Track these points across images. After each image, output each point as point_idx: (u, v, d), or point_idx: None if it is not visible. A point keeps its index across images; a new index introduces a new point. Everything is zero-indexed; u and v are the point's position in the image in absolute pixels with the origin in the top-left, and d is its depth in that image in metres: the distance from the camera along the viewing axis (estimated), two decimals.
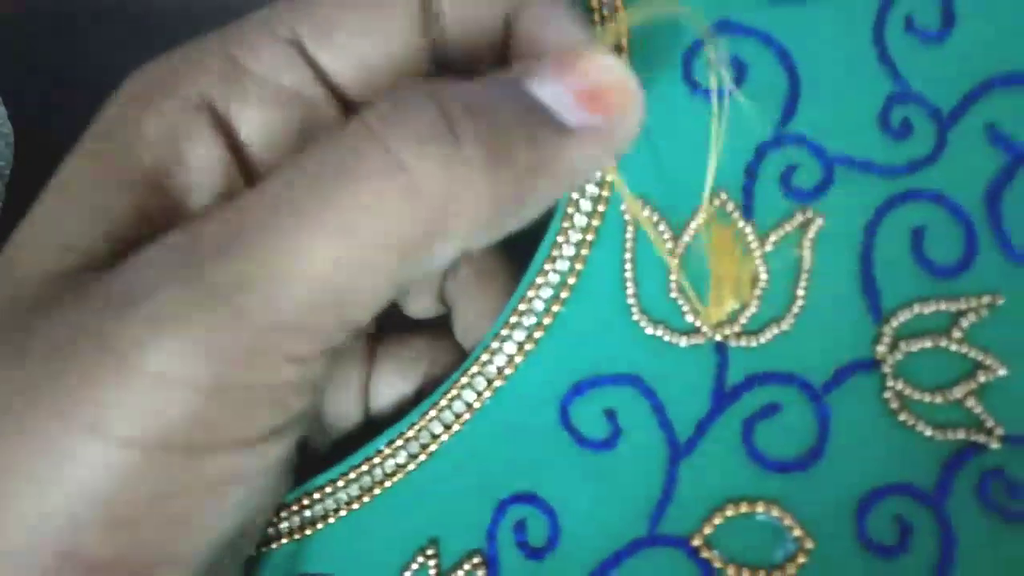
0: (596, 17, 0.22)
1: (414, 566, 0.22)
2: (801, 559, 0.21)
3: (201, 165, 0.19)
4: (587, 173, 0.18)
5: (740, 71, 0.22)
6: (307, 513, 0.22)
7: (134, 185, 0.18)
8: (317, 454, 0.24)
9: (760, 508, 0.21)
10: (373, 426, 0.23)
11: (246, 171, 0.20)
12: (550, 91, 0.17)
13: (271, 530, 0.23)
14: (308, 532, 0.22)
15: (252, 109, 0.20)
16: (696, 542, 0.21)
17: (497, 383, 0.22)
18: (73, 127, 0.36)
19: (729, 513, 0.21)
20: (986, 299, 0.21)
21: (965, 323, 0.21)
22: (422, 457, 0.22)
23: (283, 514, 0.23)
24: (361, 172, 0.15)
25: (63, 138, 0.35)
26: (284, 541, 0.22)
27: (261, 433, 0.17)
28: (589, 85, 0.17)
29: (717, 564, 0.21)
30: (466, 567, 0.22)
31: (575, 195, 0.22)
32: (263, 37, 0.20)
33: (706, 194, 0.21)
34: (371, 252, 0.15)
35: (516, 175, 0.16)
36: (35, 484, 0.15)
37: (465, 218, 0.16)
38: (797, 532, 0.21)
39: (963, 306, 0.21)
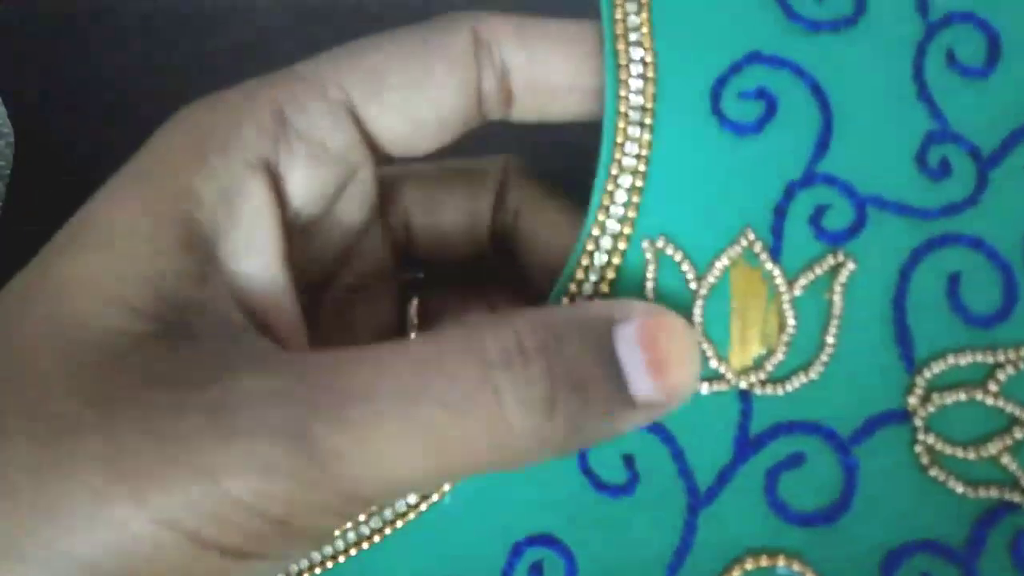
0: (621, 45, 0.21)
1: None
2: None
3: (254, 226, 0.20)
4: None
5: (770, 105, 0.21)
6: (315, 554, 0.22)
7: (194, 248, 0.19)
8: None
9: (781, 562, 0.20)
10: None
11: (289, 225, 0.21)
12: (628, 351, 0.18)
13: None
14: (317, 572, 0.22)
15: (298, 168, 0.20)
16: None
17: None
18: (73, 127, 0.36)
19: (749, 566, 0.20)
20: None
21: (1002, 376, 0.20)
22: (435, 497, 0.22)
23: None
24: (473, 417, 0.17)
25: (63, 138, 0.35)
26: None
27: (294, 555, 0.19)
28: (663, 355, 0.18)
29: None
30: None
31: (595, 232, 0.21)
32: (313, 95, 0.20)
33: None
34: (451, 473, 0.18)
35: (581, 438, 0.18)
36: (88, 545, 0.16)
37: (531, 462, 0.18)
38: None
39: (1000, 358, 0.20)
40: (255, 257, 0.20)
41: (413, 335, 0.25)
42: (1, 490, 0.16)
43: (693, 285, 0.21)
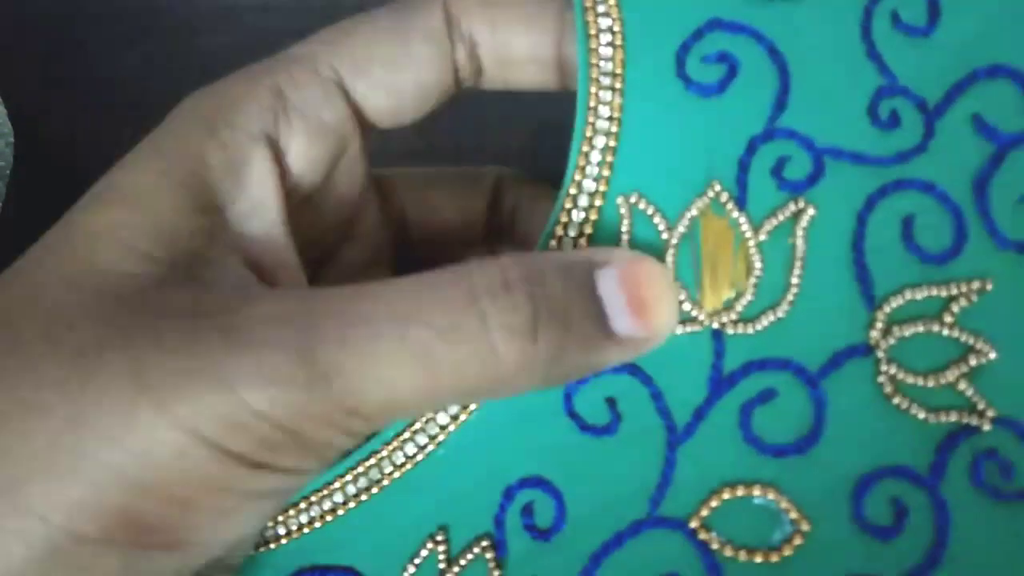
0: (591, 16, 0.23)
1: (423, 553, 0.23)
2: (798, 541, 0.21)
3: (259, 192, 0.22)
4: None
5: (731, 67, 0.22)
6: (314, 510, 0.23)
7: (205, 209, 0.21)
8: None
9: (757, 491, 0.21)
10: None
11: (290, 194, 0.22)
12: (609, 292, 0.20)
13: (279, 528, 0.23)
14: (317, 525, 0.23)
15: (297, 141, 0.22)
16: (693, 524, 0.22)
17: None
18: (73, 127, 0.36)
19: (726, 496, 0.22)
20: (976, 284, 0.21)
21: (956, 308, 0.21)
22: (430, 447, 0.23)
23: (290, 512, 0.23)
24: (461, 339, 0.18)
25: (63, 138, 0.36)
26: (294, 536, 0.23)
27: (306, 469, 0.19)
28: (643, 295, 0.20)
29: (715, 545, 0.21)
30: (475, 550, 0.22)
31: (573, 191, 0.22)
32: (307, 74, 0.22)
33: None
34: (442, 394, 0.19)
35: (564, 367, 0.20)
36: (115, 453, 0.17)
37: (517, 389, 0.20)
38: (794, 515, 0.21)
39: (954, 291, 0.21)
40: (260, 220, 0.22)
41: None
42: (33, 407, 0.17)
43: (665, 235, 0.22)
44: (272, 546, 0.23)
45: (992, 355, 0.21)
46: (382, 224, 0.27)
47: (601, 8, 0.23)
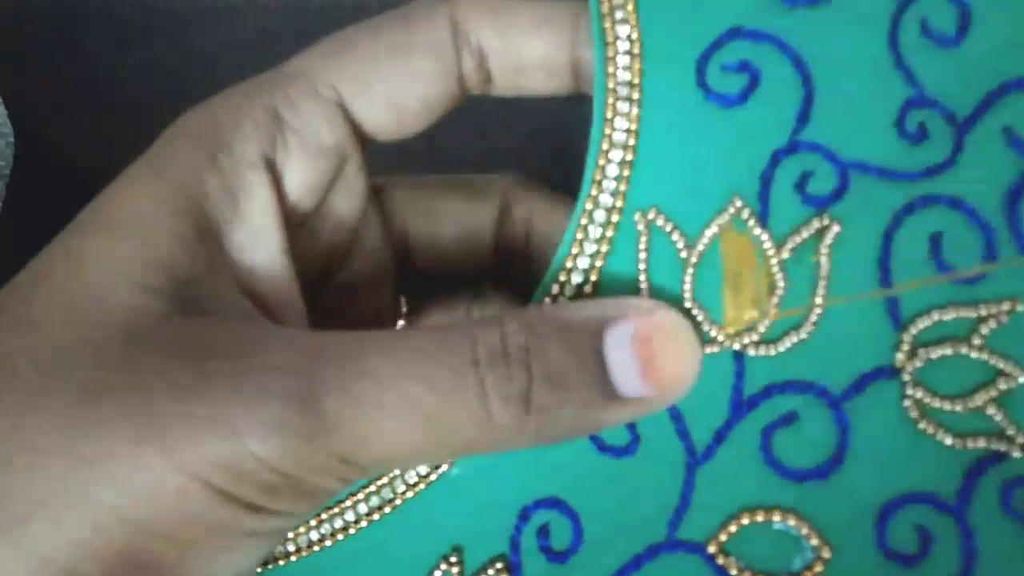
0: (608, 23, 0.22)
1: (437, 574, 0.22)
2: (819, 568, 0.21)
3: (258, 220, 0.21)
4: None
5: (753, 77, 0.22)
6: (325, 527, 0.23)
7: (203, 237, 0.20)
8: None
9: (777, 517, 0.21)
10: None
11: (288, 218, 0.22)
12: (619, 352, 0.19)
13: (288, 545, 0.23)
14: (328, 544, 0.23)
15: (294, 164, 0.22)
16: (712, 548, 0.21)
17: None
18: (73, 127, 0.36)
19: (745, 521, 0.21)
20: (1006, 305, 0.20)
21: (985, 330, 0.20)
22: (444, 467, 0.23)
23: (300, 529, 0.23)
24: (459, 404, 0.18)
25: (63, 138, 0.36)
26: (304, 554, 0.23)
27: (300, 511, 0.20)
28: (656, 355, 0.20)
29: (733, 571, 0.21)
30: (489, 572, 0.22)
31: (589, 206, 0.22)
32: (305, 94, 0.22)
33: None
34: (437, 451, 0.20)
35: (559, 429, 0.20)
36: (119, 495, 0.17)
37: (511, 448, 0.20)
38: (815, 541, 0.21)
39: (983, 312, 0.20)
40: (260, 250, 0.21)
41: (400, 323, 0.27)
42: (37, 450, 0.17)
43: (684, 254, 0.22)
44: (281, 563, 0.23)
45: (1022, 379, 0.20)
46: (384, 241, 0.26)
47: (619, 15, 0.22)
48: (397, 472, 0.23)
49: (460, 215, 0.26)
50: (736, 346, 0.21)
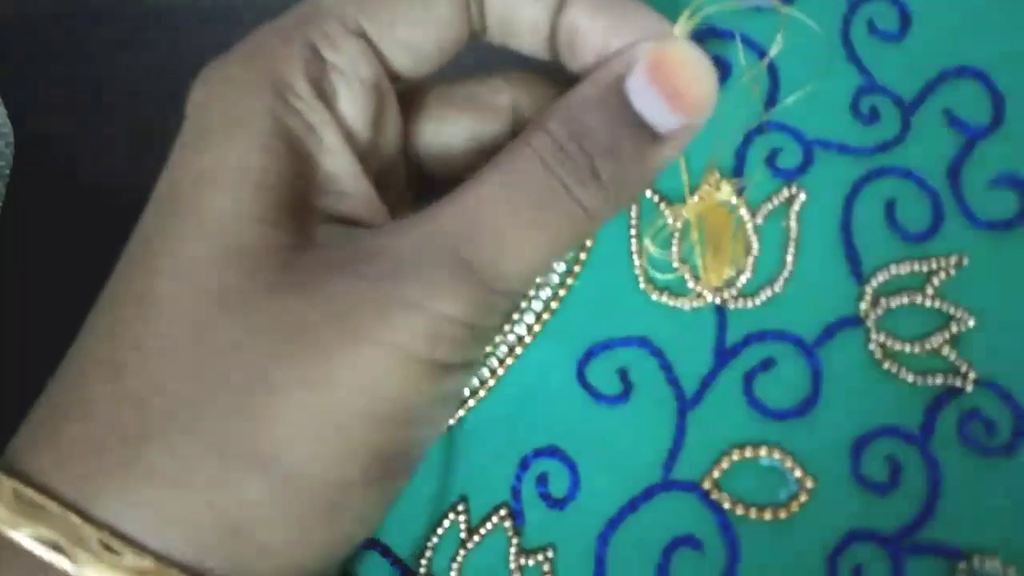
0: None
1: (445, 523, 0.24)
2: (803, 498, 0.23)
3: (339, 150, 0.22)
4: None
5: (725, 69, 0.24)
6: None
7: (294, 174, 0.21)
8: None
9: (763, 452, 0.23)
10: None
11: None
12: (648, 101, 0.21)
13: None
14: None
15: (342, 100, 0.22)
16: (706, 485, 0.23)
17: (518, 350, 0.24)
18: (73, 127, 0.35)
19: (735, 457, 0.23)
20: (954, 259, 0.23)
21: (936, 281, 0.23)
22: (451, 422, 0.24)
23: None
24: (555, 205, 0.20)
25: (63, 138, 0.35)
26: None
27: (478, 359, 0.22)
28: (675, 84, 0.21)
29: (726, 505, 0.23)
30: (494, 520, 0.23)
31: None
32: (338, 30, 0.22)
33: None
34: (557, 248, 0.21)
35: (631, 189, 0.22)
36: (346, 393, 0.19)
37: (602, 224, 0.22)
38: (798, 473, 0.23)
39: (934, 266, 0.23)
40: (346, 178, 0.22)
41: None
42: (260, 378, 0.19)
43: (670, 220, 0.24)
44: None
45: (971, 323, 0.23)
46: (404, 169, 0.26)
47: None
48: None
49: (472, 126, 0.25)
50: (718, 300, 0.24)
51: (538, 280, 0.24)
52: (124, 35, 0.34)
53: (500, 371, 0.24)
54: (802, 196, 0.24)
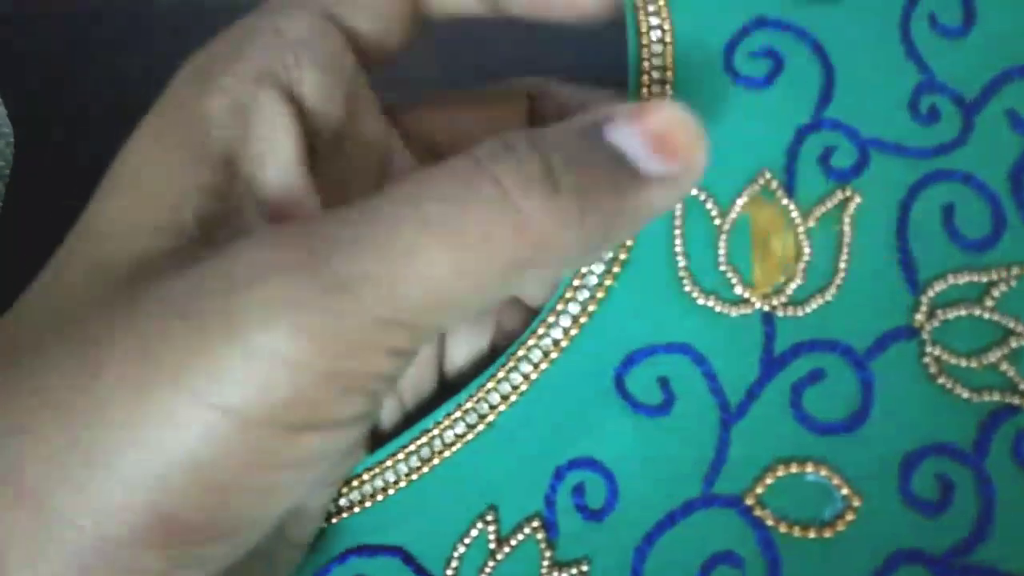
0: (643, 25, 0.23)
1: (473, 532, 0.23)
2: (849, 516, 0.22)
3: (269, 132, 0.20)
4: (662, 212, 0.20)
5: (777, 62, 0.23)
6: (367, 487, 0.23)
7: (211, 164, 0.19)
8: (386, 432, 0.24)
9: (809, 468, 0.22)
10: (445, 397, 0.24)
11: (311, 134, 0.21)
12: (626, 140, 0.18)
13: (330, 506, 0.23)
14: (368, 505, 0.23)
15: (307, 75, 0.21)
16: (749, 501, 0.22)
17: (553, 355, 0.23)
18: (73, 127, 0.35)
19: (780, 473, 0.22)
20: (1015, 270, 0.22)
21: (996, 292, 0.22)
22: (480, 427, 0.23)
23: (343, 490, 0.23)
24: (479, 202, 0.17)
25: (63, 138, 0.35)
26: (343, 516, 0.23)
27: (352, 416, 0.17)
28: (658, 131, 0.19)
29: (769, 522, 0.22)
30: (525, 531, 0.23)
31: None
32: (299, 10, 0.21)
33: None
34: (482, 268, 0.17)
35: (603, 219, 0.18)
36: (137, 446, 0.16)
37: (558, 254, 0.18)
38: (845, 491, 0.22)
39: (993, 277, 0.22)
40: (274, 163, 0.20)
41: None
42: (51, 405, 0.16)
43: (717, 221, 0.23)
44: (333, 521, 0.23)
45: None
46: (415, 162, 0.25)
47: (651, 8, 0.23)
48: (434, 432, 0.23)
49: (488, 124, 0.24)
50: (766, 307, 0.23)
51: (575, 283, 0.23)
52: (124, 35, 0.33)
53: (534, 376, 0.23)
54: (857, 199, 0.23)
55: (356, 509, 0.23)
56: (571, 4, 0.23)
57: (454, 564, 0.23)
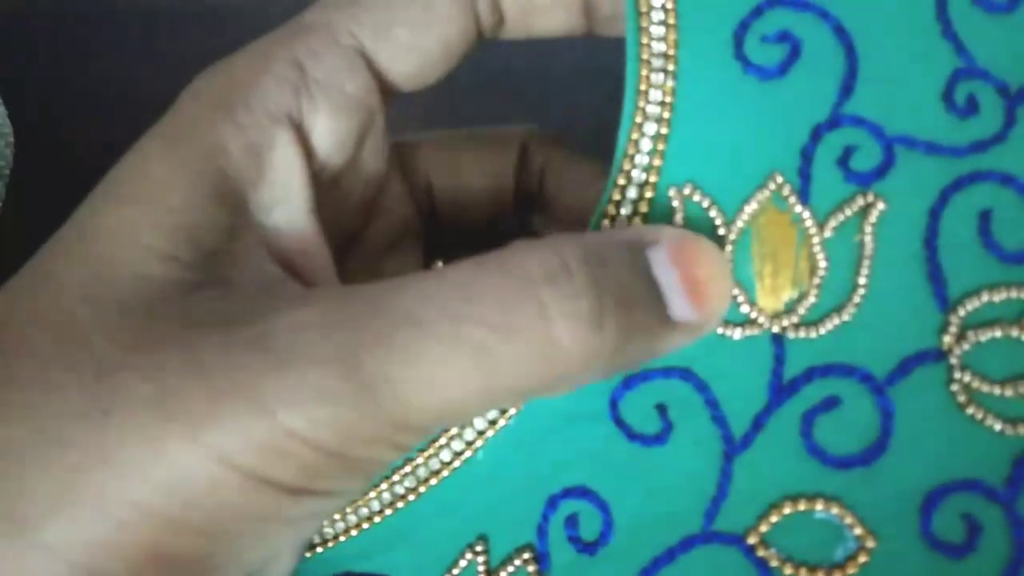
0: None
1: (462, 563, 0.22)
2: (862, 558, 0.20)
3: (283, 178, 0.20)
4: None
5: (794, 48, 0.21)
6: (350, 518, 0.22)
7: (225, 200, 0.19)
8: None
9: (819, 506, 0.20)
10: None
11: (316, 177, 0.21)
12: (666, 277, 0.19)
13: (312, 537, 0.22)
14: (353, 534, 0.22)
15: (322, 119, 0.21)
16: (752, 540, 0.20)
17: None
18: (73, 127, 0.35)
19: (787, 511, 0.20)
20: None
21: None
22: (467, 453, 0.22)
23: (328, 520, 0.22)
24: (520, 333, 0.17)
25: (63, 138, 0.35)
26: (329, 545, 0.22)
27: (348, 490, 0.18)
28: (696, 279, 0.19)
29: (774, 563, 0.20)
30: (516, 562, 0.21)
31: (621, 181, 0.21)
32: (326, 44, 0.20)
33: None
34: (498, 394, 0.17)
35: (627, 357, 0.18)
36: (142, 487, 0.16)
37: (576, 383, 0.18)
38: (858, 530, 0.20)
39: None
40: (285, 208, 0.20)
41: None
42: (54, 439, 0.16)
43: (722, 231, 0.21)
44: (307, 555, 0.22)
45: None
46: (407, 196, 0.25)
47: None
48: (419, 460, 0.22)
49: (480, 167, 0.25)
50: (775, 328, 0.21)
51: None
52: (124, 35, 0.33)
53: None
54: (880, 205, 0.20)
55: (342, 538, 0.22)
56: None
57: None
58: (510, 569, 0.21)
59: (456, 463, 0.22)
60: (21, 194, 0.30)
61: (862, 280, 0.20)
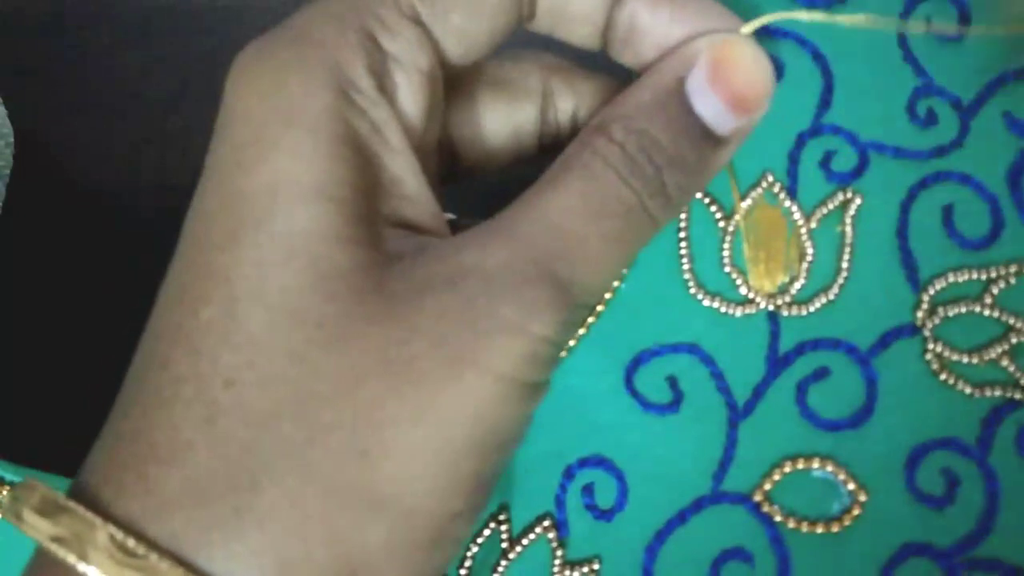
0: None
1: (486, 532, 0.23)
2: (856, 511, 0.22)
3: (402, 151, 0.20)
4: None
5: (778, 69, 0.24)
6: None
7: (369, 180, 0.20)
8: None
9: (816, 464, 0.22)
10: None
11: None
12: (710, 107, 0.20)
13: None
14: None
15: (401, 93, 0.21)
16: (757, 497, 0.22)
17: (562, 355, 0.23)
18: (73, 127, 0.35)
19: (787, 469, 0.22)
20: (1013, 268, 0.22)
21: (995, 289, 0.22)
22: None
23: None
24: (633, 217, 0.20)
25: (63, 138, 0.34)
26: None
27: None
28: (739, 92, 0.20)
29: (778, 518, 0.22)
30: (537, 531, 0.23)
31: None
32: (395, 15, 0.20)
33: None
34: (629, 259, 0.20)
35: (690, 197, 0.21)
36: (448, 417, 0.18)
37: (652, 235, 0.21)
38: (851, 486, 0.22)
39: (993, 274, 0.23)
40: (409, 180, 0.21)
41: None
42: (364, 386, 0.18)
43: (722, 224, 0.23)
44: None
45: None
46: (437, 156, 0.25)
47: None
48: None
49: (503, 114, 0.25)
50: (771, 307, 0.23)
51: None
52: (124, 35, 0.33)
53: None
54: (857, 201, 0.23)
55: None
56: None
57: (467, 563, 0.23)
58: (531, 537, 0.23)
59: None
60: (21, 194, 0.31)
61: (844, 264, 0.23)
